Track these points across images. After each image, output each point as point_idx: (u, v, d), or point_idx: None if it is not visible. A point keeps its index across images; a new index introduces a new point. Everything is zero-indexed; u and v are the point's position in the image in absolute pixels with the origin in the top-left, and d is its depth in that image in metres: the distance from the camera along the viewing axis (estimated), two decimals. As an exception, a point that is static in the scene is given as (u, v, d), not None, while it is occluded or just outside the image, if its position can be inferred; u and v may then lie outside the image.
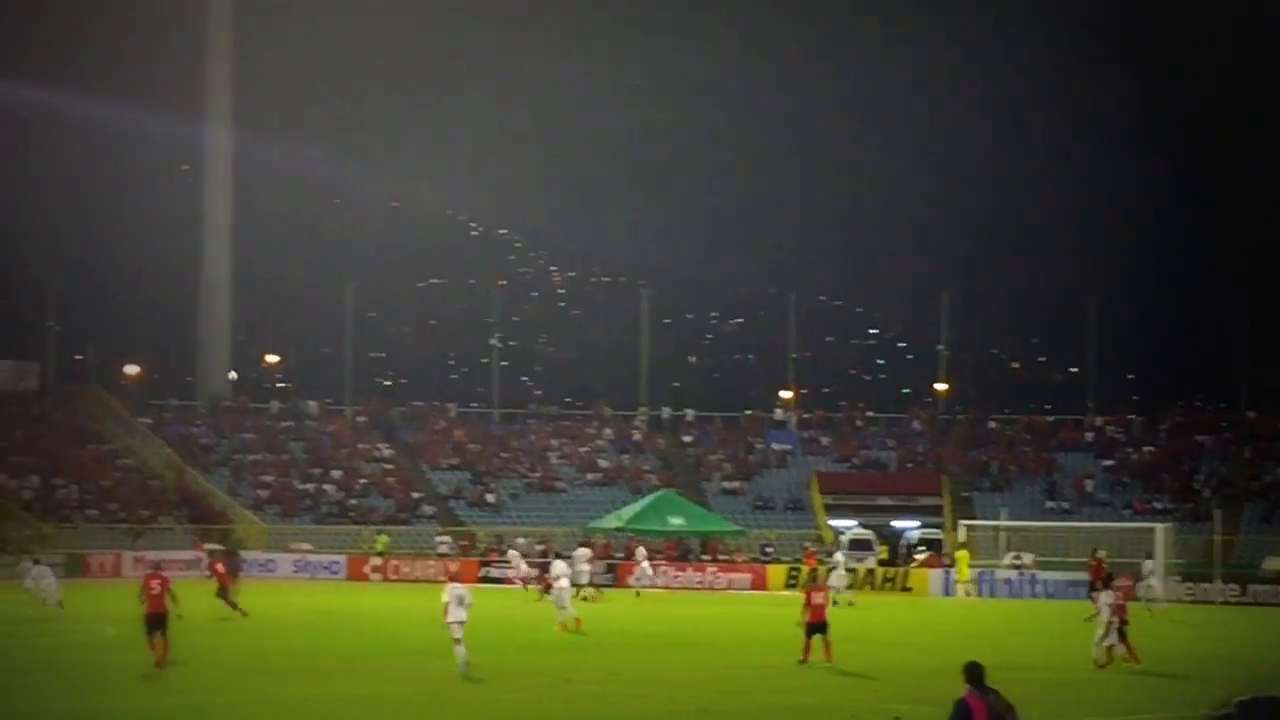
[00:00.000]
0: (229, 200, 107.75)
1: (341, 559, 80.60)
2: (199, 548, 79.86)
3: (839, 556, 68.58)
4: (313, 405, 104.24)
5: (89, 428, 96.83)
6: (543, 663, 38.05)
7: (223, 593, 51.50)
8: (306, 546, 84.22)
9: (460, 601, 34.24)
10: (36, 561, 58.82)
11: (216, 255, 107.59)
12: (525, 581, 65.87)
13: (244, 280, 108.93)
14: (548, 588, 54.31)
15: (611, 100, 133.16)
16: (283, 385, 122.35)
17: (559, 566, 50.77)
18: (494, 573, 73.86)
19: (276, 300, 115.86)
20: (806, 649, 37.15)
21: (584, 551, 64.74)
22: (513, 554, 69.96)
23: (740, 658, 40.19)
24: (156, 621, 34.53)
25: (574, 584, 58.87)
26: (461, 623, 34.04)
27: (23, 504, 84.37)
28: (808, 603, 37.72)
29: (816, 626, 37.21)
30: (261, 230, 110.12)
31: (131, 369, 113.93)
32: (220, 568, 54.99)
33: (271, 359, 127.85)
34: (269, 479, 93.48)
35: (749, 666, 37.82)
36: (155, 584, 35.14)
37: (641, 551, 71.36)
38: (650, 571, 70.70)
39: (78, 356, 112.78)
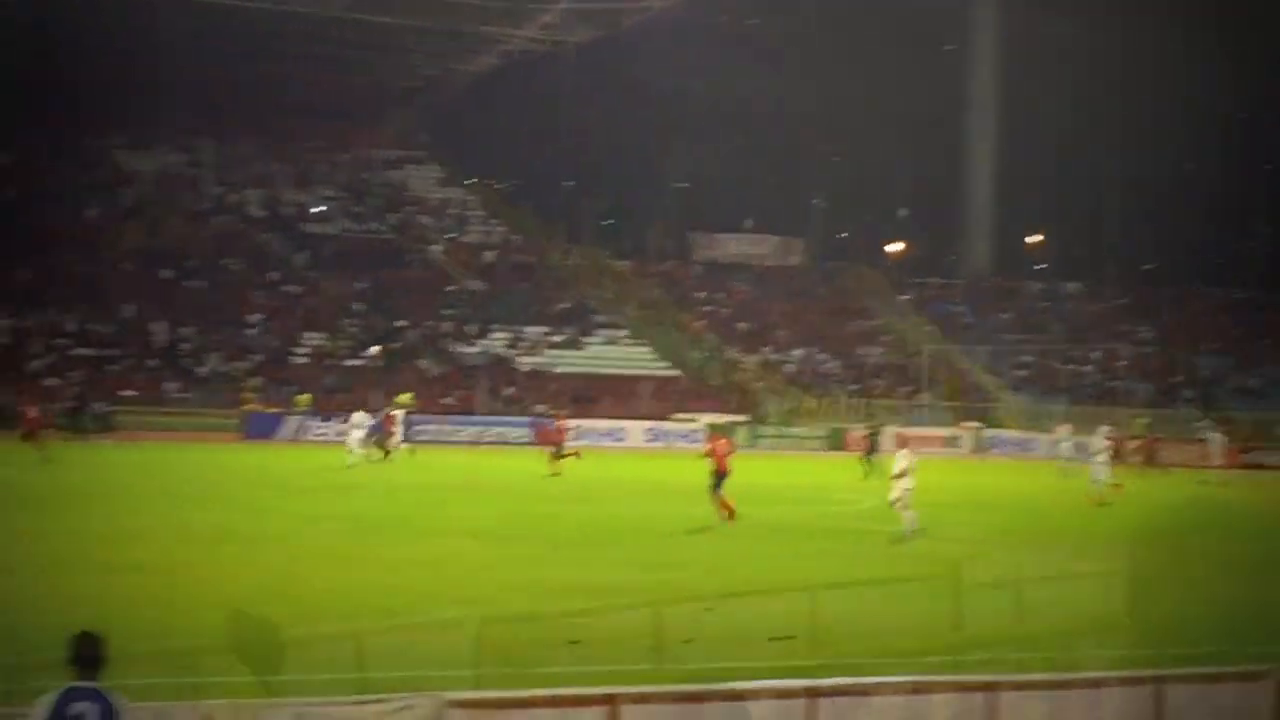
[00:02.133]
0: (994, 77, 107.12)
1: (1099, 442, 78.96)
2: (962, 426, 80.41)
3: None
4: (1072, 286, 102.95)
5: (852, 303, 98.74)
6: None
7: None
8: (1067, 428, 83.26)
9: (909, 466, 36.42)
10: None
11: (980, 133, 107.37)
12: None
13: (1008, 158, 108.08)
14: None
15: None
16: (1041, 266, 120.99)
17: (1063, 431, 50.62)
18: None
19: (1040, 179, 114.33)
20: None
21: (1105, 428, 61.92)
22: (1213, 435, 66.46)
23: None
24: (720, 480, 38.63)
25: None
26: (908, 489, 35.96)
27: (787, 377, 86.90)
28: None
29: None
30: (1027, 106, 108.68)
31: (894, 246, 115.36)
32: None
33: (1033, 239, 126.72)
34: (1027, 359, 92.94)
35: None
36: (722, 444, 39.88)
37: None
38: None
39: (842, 234, 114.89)
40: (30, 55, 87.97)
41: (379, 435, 59.29)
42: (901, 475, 36.26)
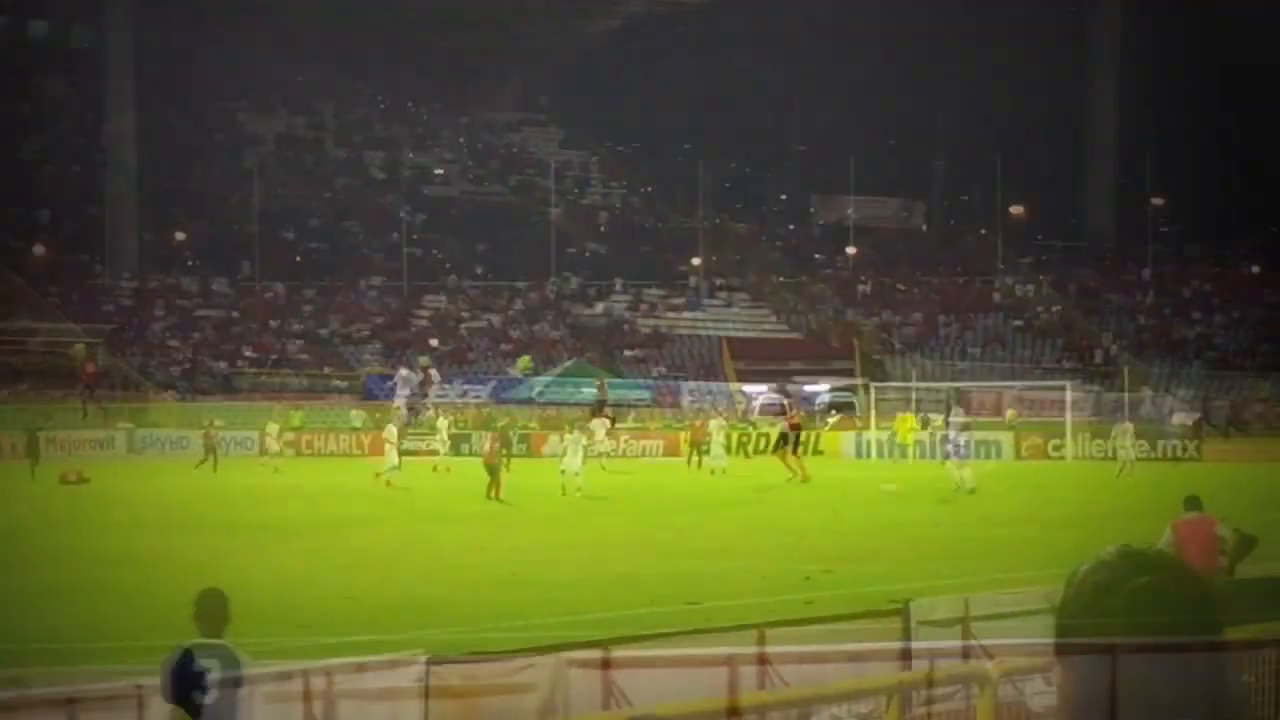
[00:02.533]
0: (1116, 43, 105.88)
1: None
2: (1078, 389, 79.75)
3: None
4: (1196, 249, 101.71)
5: (973, 266, 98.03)
6: None
7: None
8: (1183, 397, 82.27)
9: (965, 428, 38.29)
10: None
11: (1101, 94, 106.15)
12: None
13: (1131, 119, 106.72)
14: None
15: None
16: (1165, 229, 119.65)
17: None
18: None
19: (1164, 140, 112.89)
20: None
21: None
22: None
23: None
24: (789, 443, 39.77)
25: None
26: (956, 449, 37.17)
27: (907, 340, 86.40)
28: None
29: None
30: (1150, 65, 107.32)
31: (1016, 208, 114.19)
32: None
33: (1155, 201, 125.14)
34: (1150, 322, 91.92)
35: None
36: (796, 415, 41.42)
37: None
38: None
39: (963, 196, 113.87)
40: (151, 20, 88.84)
41: (420, 394, 59.29)
42: (957, 435, 37.20)
